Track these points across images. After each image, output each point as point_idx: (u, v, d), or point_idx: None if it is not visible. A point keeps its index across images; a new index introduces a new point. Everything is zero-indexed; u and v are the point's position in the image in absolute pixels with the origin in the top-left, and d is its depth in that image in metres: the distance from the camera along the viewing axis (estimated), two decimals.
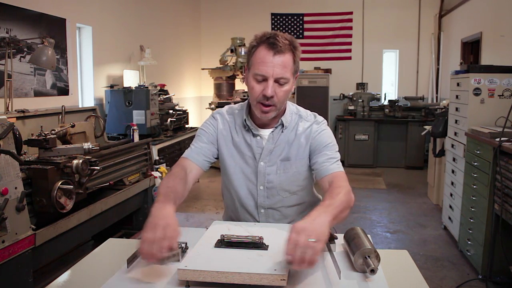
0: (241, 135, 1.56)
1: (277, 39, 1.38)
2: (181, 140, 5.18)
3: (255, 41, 1.42)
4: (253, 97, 1.43)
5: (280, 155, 1.53)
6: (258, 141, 1.53)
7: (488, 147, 2.87)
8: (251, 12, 7.86)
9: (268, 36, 1.39)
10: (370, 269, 1.09)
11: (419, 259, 3.31)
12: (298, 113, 1.58)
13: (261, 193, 1.55)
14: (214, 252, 1.17)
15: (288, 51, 1.39)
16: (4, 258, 1.73)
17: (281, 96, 1.42)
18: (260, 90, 1.40)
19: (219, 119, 1.59)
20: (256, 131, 1.53)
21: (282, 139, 1.53)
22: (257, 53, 1.40)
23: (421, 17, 7.42)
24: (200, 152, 1.53)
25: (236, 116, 1.59)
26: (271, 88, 1.38)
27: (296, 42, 1.44)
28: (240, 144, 1.55)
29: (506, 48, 4.38)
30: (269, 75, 1.38)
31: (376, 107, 7.14)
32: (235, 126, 1.57)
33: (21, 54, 3.45)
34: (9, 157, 1.79)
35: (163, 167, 3.28)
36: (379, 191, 5.49)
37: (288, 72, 1.40)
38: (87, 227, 2.38)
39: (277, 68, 1.37)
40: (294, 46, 1.41)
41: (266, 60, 1.37)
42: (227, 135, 1.57)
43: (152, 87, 4.74)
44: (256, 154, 1.53)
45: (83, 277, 1.20)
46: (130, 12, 5.35)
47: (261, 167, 1.53)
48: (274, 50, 1.37)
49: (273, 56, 1.37)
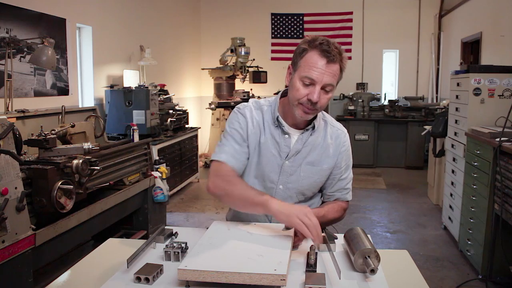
0: (268, 132, 1.54)
1: (330, 46, 1.39)
2: (181, 140, 5.19)
3: (307, 44, 1.42)
4: (296, 98, 1.43)
5: (305, 158, 1.54)
6: (287, 140, 1.53)
7: (488, 147, 2.87)
8: (251, 12, 7.86)
9: (321, 42, 1.39)
10: (370, 269, 1.09)
11: (419, 259, 3.31)
12: (324, 118, 1.61)
13: (280, 192, 1.55)
14: (214, 252, 1.17)
15: (338, 60, 1.41)
16: (4, 258, 1.73)
17: (324, 103, 1.44)
18: (306, 93, 1.41)
19: (248, 115, 1.56)
20: (287, 129, 1.53)
21: (310, 142, 1.54)
22: (308, 56, 1.40)
23: (421, 17, 7.42)
24: (235, 155, 1.51)
25: (264, 112, 1.57)
26: (317, 94, 1.39)
27: (344, 52, 1.45)
28: (266, 141, 1.53)
29: (506, 48, 4.38)
30: (318, 81, 1.39)
31: (376, 107, 7.15)
32: (264, 122, 1.56)
33: (21, 54, 3.45)
34: (9, 157, 1.79)
35: (163, 167, 3.27)
36: (379, 191, 5.50)
37: (335, 80, 1.43)
38: (87, 227, 2.38)
39: (327, 75, 1.39)
40: (343, 56, 1.43)
41: (317, 66, 1.38)
42: (255, 133, 1.55)
43: (152, 87, 4.74)
44: (282, 152, 1.53)
45: (83, 277, 1.20)
46: (130, 12, 5.35)
47: (286, 166, 1.53)
48: (327, 58, 1.38)
49: (326, 63, 1.38)
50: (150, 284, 1.07)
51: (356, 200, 4.99)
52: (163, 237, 1.36)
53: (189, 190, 5.51)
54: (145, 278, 1.08)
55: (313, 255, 1.17)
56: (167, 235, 1.37)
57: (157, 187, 3.13)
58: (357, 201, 4.94)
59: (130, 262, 1.16)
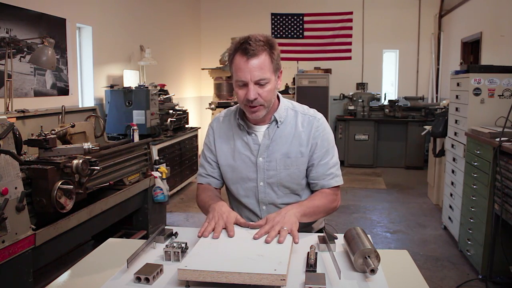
0: (238, 136, 1.59)
1: (249, 43, 1.40)
2: (181, 140, 5.19)
3: (232, 49, 1.45)
4: (240, 102, 1.50)
5: (279, 151, 1.54)
6: (254, 138, 1.57)
7: (488, 147, 2.87)
8: (251, 12, 7.86)
9: (242, 42, 1.42)
10: (370, 269, 1.09)
11: (419, 259, 3.31)
12: (294, 108, 1.61)
13: (262, 189, 1.57)
14: (214, 252, 1.17)
15: (262, 51, 1.41)
16: (4, 258, 1.73)
17: (266, 96, 1.45)
18: (243, 94, 1.45)
19: (215, 127, 1.66)
20: (250, 128, 1.57)
21: (279, 135, 1.55)
22: (234, 60, 1.44)
23: (421, 17, 7.42)
24: (210, 175, 1.66)
25: (232, 117, 1.64)
26: (253, 92, 1.42)
27: (272, 40, 1.46)
28: (237, 144, 1.58)
29: (506, 48, 4.38)
30: (247, 80, 1.41)
31: (376, 107, 7.14)
32: (231, 128, 1.62)
33: (21, 54, 3.45)
34: (9, 157, 1.79)
35: (163, 167, 3.27)
36: (379, 191, 5.49)
37: (267, 72, 1.43)
38: (87, 227, 2.38)
39: (254, 71, 1.40)
40: (269, 44, 1.43)
41: (241, 66, 1.41)
42: (225, 141, 1.62)
43: (152, 87, 4.74)
44: (254, 151, 1.56)
45: (83, 277, 1.20)
46: (130, 12, 5.35)
47: (260, 163, 1.55)
48: (247, 55, 1.40)
49: (247, 60, 1.40)
50: (150, 284, 1.07)
51: (356, 200, 4.99)
52: (163, 237, 1.36)
53: (189, 190, 5.50)
54: (145, 278, 1.08)
55: (313, 255, 1.17)
56: (167, 235, 1.37)
57: (157, 187, 3.13)
58: (357, 201, 4.94)
59: (130, 262, 1.16)
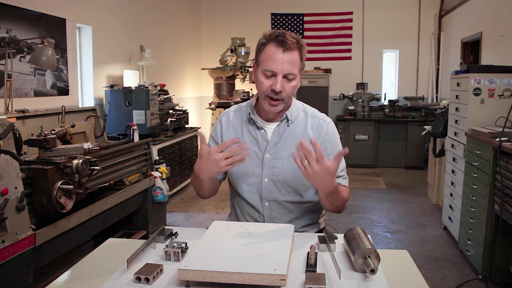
0: (246, 131, 1.61)
1: (286, 37, 1.45)
2: (181, 140, 5.19)
3: (264, 38, 1.49)
4: (262, 91, 1.50)
5: (287, 149, 1.55)
6: (263, 134, 1.58)
7: (488, 147, 2.87)
8: (251, 12, 7.86)
9: (277, 34, 1.47)
10: (370, 269, 1.09)
11: (419, 259, 3.31)
12: (305, 110, 1.64)
13: (265, 186, 1.57)
14: (214, 252, 1.17)
15: (296, 48, 1.46)
16: (4, 258, 1.73)
17: (289, 91, 1.48)
18: (269, 84, 1.47)
19: (224, 121, 1.67)
20: (261, 124, 1.59)
21: (288, 133, 1.57)
22: (266, 50, 1.47)
23: (421, 17, 7.42)
24: None
25: (243, 112, 1.65)
26: (280, 83, 1.45)
27: (303, 41, 1.51)
28: (245, 139, 1.59)
29: (506, 48, 4.38)
30: (278, 71, 1.45)
31: (376, 107, 7.14)
32: (241, 122, 1.63)
33: (21, 54, 3.45)
34: (9, 157, 1.79)
35: (163, 167, 3.27)
36: (379, 191, 5.49)
37: (296, 68, 1.47)
38: (87, 227, 2.38)
39: (286, 64, 1.44)
40: (301, 44, 1.49)
41: (275, 57, 1.44)
42: (233, 135, 1.62)
43: (152, 87, 4.74)
44: (261, 147, 1.57)
45: (83, 277, 1.20)
46: (130, 12, 5.35)
47: (266, 159, 1.56)
48: (283, 47, 1.44)
49: (282, 53, 1.44)
50: (150, 284, 1.07)
51: (356, 200, 4.98)
52: (163, 237, 1.36)
53: (189, 190, 5.50)
54: (145, 278, 1.08)
55: (313, 255, 1.17)
56: (167, 235, 1.37)
57: (157, 187, 3.13)
58: (357, 201, 4.94)
59: (130, 262, 1.16)
